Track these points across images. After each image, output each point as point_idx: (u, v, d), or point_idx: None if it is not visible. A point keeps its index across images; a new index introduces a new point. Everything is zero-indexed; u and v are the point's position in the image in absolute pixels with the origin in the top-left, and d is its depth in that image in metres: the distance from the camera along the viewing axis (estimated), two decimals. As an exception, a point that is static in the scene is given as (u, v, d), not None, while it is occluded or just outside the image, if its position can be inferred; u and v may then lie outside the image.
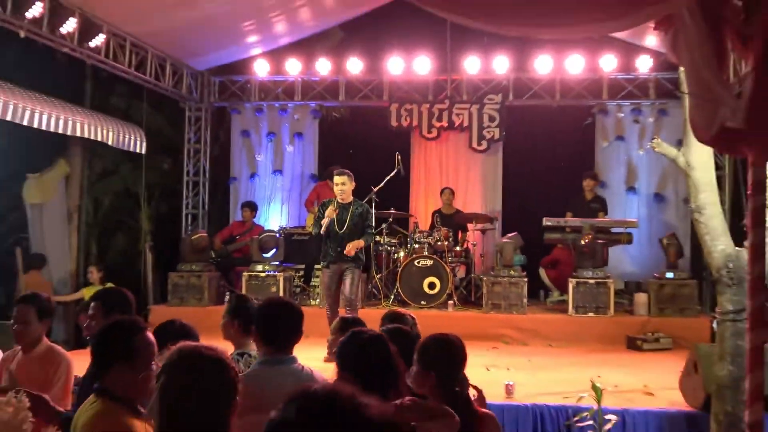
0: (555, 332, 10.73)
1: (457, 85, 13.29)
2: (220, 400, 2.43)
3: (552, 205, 12.04)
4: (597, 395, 6.41)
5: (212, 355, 2.51)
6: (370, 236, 9.19)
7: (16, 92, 10.28)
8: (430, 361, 3.49)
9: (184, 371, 2.45)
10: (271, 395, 3.37)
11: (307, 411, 1.46)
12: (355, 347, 3.23)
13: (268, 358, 3.72)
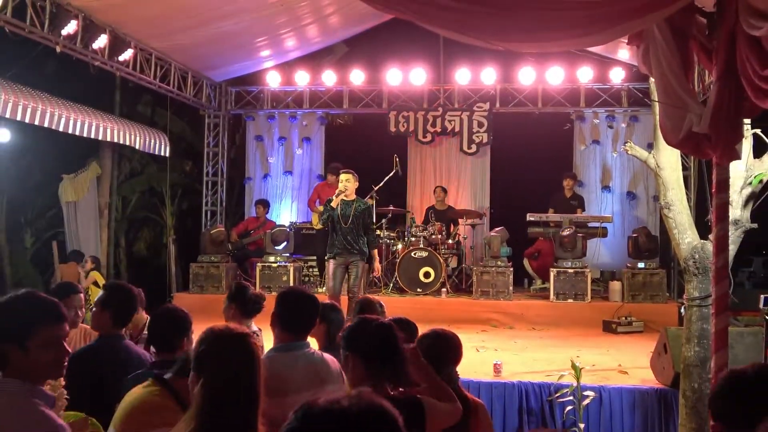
0: (538, 317, 10.74)
1: (449, 94, 13.28)
2: (254, 371, 2.43)
3: (535, 202, 12.05)
4: (576, 373, 6.42)
5: (240, 332, 2.54)
6: (374, 234, 9.03)
7: (53, 101, 10.27)
8: (424, 351, 3.29)
9: (220, 345, 2.46)
10: (285, 378, 3.33)
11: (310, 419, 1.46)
12: (365, 331, 3.09)
13: (283, 344, 3.66)
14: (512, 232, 11.71)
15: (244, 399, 2.39)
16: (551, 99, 12.89)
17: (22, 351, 2.44)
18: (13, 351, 2.44)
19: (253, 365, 2.46)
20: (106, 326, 4.06)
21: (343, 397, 1.47)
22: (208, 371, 2.42)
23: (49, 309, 2.55)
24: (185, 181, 15.54)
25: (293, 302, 3.76)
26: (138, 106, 14.98)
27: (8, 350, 2.44)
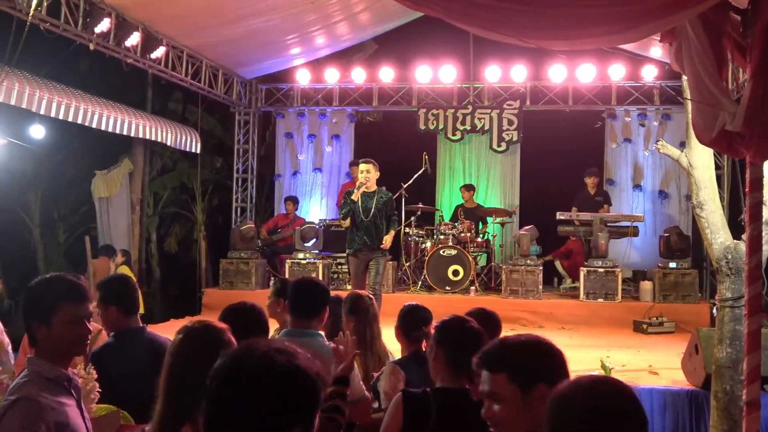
0: (567, 316, 10.68)
1: (479, 92, 13.24)
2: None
3: (565, 200, 11.96)
4: (606, 373, 6.36)
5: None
6: (396, 222, 8.56)
7: (86, 98, 10.40)
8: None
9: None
10: None
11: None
12: (455, 329, 3.24)
13: (294, 329, 3.76)
14: (542, 230, 11.65)
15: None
16: (582, 97, 12.80)
17: (47, 327, 2.57)
18: (40, 328, 2.58)
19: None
20: (118, 321, 4.00)
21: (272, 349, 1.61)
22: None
23: (73, 288, 2.67)
24: (216, 178, 15.67)
25: (301, 290, 3.91)
26: (169, 103, 15.13)
27: (36, 328, 2.59)
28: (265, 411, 1.54)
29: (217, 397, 1.58)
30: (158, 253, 15.41)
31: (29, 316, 2.62)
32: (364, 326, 4.51)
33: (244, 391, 1.55)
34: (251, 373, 1.56)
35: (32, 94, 9.14)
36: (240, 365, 1.59)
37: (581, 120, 13.01)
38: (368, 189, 8.28)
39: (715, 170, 6.23)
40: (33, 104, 9.20)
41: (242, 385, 1.56)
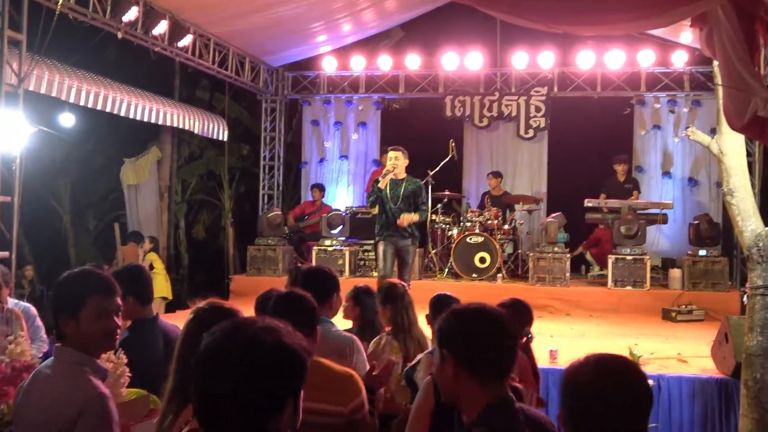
0: (595, 304, 10.62)
1: (506, 78, 13.16)
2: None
3: (593, 187, 11.88)
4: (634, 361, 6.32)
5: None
6: (424, 213, 8.39)
7: (115, 87, 10.49)
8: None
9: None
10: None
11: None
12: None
13: None
14: (569, 217, 11.59)
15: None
16: (611, 83, 12.67)
17: (75, 322, 2.57)
18: (68, 322, 2.57)
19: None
20: (135, 312, 3.96)
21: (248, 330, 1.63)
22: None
23: (101, 282, 2.67)
24: (243, 165, 15.75)
25: (308, 278, 3.97)
26: (197, 91, 15.21)
27: (64, 322, 2.58)
28: (253, 389, 1.57)
29: (203, 377, 1.61)
30: (186, 240, 15.54)
31: (58, 310, 2.61)
32: (401, 313, 4.54)
33: (231, 370, 1.57)
34: (238, 351, 1.59)
35: (62, 83, 9.23)
36: (227, 344, 1.61)
37: (610, 106, 12.89)
38: (396, 176, 8.13)
39: (746, 157, 6.16)
40: (62, 93, 9.29)
41: (230, 364, 1.58)
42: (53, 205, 14.72)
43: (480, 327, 2.30)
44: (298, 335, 1.67)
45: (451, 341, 2.30)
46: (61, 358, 2.59)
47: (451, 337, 2.30)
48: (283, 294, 3.34)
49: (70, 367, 2.55)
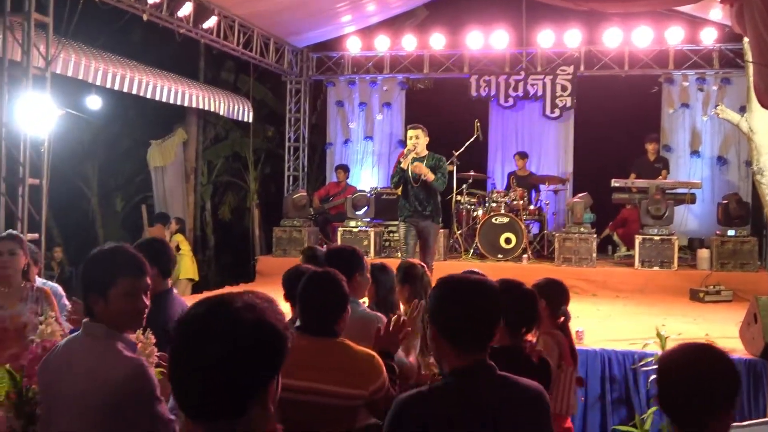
0: (622, 284, 10.54)
1: (532, 57, 13.04)
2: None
3: (620, 167, 11.76)
4: (661, 342, 6.29)
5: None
6: (440, 181, 7.96)
7: (141, 69, 10.53)
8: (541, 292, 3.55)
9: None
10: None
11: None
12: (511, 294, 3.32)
13: None
14: (596, 197, 11.50)
15: None
16: (638, 61, 12.51)
17: (104, 300, 2.57)
18: (97, 301, 2.58)
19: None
20: (157, 285, 3.82)
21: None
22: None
23: (132, 261, 2.67)
24: (268, 147, 15.79)
25: (332, 257, 4.03)
26: (221, 72, 15.24)
27: (93, 300, 2.59)
28: (234, 367, 1.54)
29: (182, 354, 1.58)
30: (212, 222, 15.63)
31: (87, 288, 2.62)
32: (419, 293, 4.54)
33: (212, 348, 1.54)
34: (219, 329, 1.56)
35: (88, 66, 9.29)
36: (208, 321, 1.59)
37: (637, 85, 12.74)
38: (418, 155, 7.97)
39: (777, 135, 6.06)
40: (89, 75, 9.35)
41: (210, 342, 1.55)
42: (81, 188, 14.86)
43: (455, 296, 2.38)
44: (280, 313, 1.65)
45: (431, 308, 2.43)
46: (93, 332, 2.60)
47: (431, 304, 2.43)
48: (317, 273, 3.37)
49: (104, 341, 2.56)
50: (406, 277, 4.64)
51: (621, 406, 6.52)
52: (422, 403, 2.33)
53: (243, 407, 1.56)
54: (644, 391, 6.37)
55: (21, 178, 7.31)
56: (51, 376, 2.60)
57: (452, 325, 2.34)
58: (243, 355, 1.55)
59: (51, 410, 2.59)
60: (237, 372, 1.54)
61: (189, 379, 1.57)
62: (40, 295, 4.41)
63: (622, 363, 6.57)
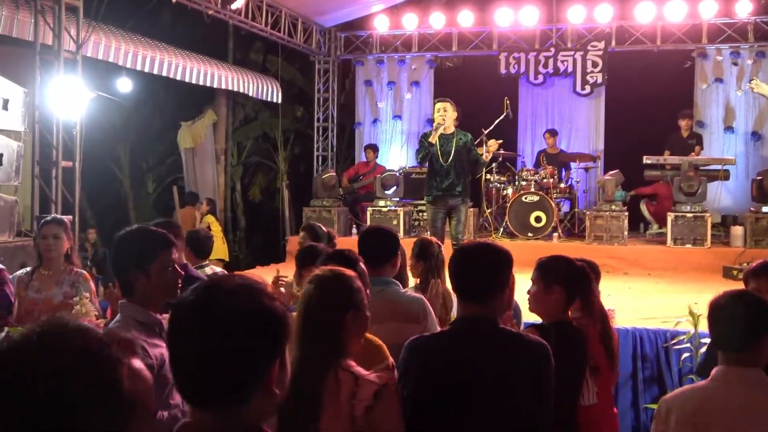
0: (654, 262, 10.45)
1: (562, 33, 12.89)
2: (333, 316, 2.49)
3: (652, 143, 11.60)
4: (694, 320, 6.22)
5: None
6: (480, 166, 7.91)
7: (170, 51, 10.58)
8: (555, 277, 3.38)
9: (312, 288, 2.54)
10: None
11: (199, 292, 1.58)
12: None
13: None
14: (628, 175, 11.38)
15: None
16: (671, 36, 12.31)
17: (146, 276, 2.70)
18: (139, 277, 2.70)
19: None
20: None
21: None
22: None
23: (163, 236, 2.83)
24: (297, 127, 15.82)
25: (370, 237, 3.98)
26: (250, 53, 15.27)
27: (135, 277, 2.71)
28: (230, 354, 1.49)
29: (177, 342, 1.55)
30: (243, 202, 15.73)
31: (126, 265, 2.73)
32: (432, 271, 4.54)
33: (206, 335, 1.49)
34: (217, 314, 1.51)
35: (118, 48, 9.35)
36: (206, 306, 1.53)
37: (669, 60, 12.55)
38: (446, 131, 7.71)
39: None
40: (119, 58, 9.42)
41: (208, 327, 1.50)
42: (113, 170, 15.02)
43: (461, 255, 2.86)
44: (278, 297, 1.63)
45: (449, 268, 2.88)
46: (125, 312, 2.72)
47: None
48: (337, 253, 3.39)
49: (135, 325, 2.66)
50: (422, 254, 4.62)
51: (653, 384, 6.47)
52: (428, 344, 2.77)
53: (245, 394, 1.51)
54: (676, 370, 6.32)
55: (54, 161, 7.41)
56: None
57: (455, 280, 2.81)
58: (239, 341, 1.49)
59: None
60: (234, 358, 1.49)
61: (186, 367, 1.53)
62: (77, 279, 4.49)
63: (654, 341, 6.52)
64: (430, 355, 2.71)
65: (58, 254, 4.51)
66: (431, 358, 2.70)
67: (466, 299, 2.78)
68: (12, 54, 8.40)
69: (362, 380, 2.38)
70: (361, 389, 2.35)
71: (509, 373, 2.61)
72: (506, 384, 2.60)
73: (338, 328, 2.45)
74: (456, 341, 2.71)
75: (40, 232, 4.61)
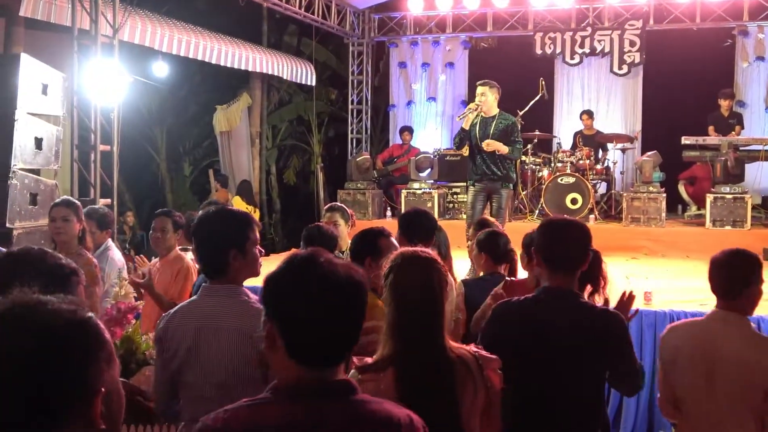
0: (692, 244, 10.27)
1: (599, 12, 12.71)
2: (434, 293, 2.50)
3: (691, 124, 11.42)
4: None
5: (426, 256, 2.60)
6: (518, 150, 7.73)
7: (205, 34, 10.64)
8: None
9: (405, 271, 2.52)
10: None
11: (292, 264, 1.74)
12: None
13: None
14: (666, 156, 11.23)
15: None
16: (711, 13, 12.07)
17: (242, 254, 2.78)
18: (237, 256, 2.77)
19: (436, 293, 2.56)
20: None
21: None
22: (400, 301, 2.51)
23: (248, 215, 2.95)
24: (331, 110, 15.83)
25: (409, 218, 4.16)
26: (284, 36, 15.29)
27: (233, 256, 2.77)
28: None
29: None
30: (278, 185, 15.81)
31: (226, 245, 2.77)
32: (436, 246, 4.56)
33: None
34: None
35: (154, 32, 9.42)
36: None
37: (709, 39, 12.32)
38: (486, 114, 7.57)
39: None
40: (155, 42, 9.49)
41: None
42: (150, 153, 15.18)
43: (554, 229, 3.13)
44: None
45: (536, 241, 3.13)
46: (229, 293, 2.79)
47: (537, 238, 3.14)
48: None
49: (243, 298, 2.78)
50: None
51: (691, 367, 6.41)
52: (515, 308, 3.00)
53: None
54: (715, 353, 6.24)
55: (93, 145, 7.50)
56: (192, 337, 2.72)
57: (546, 251, 3.00)
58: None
59: (189, 370, 2.72)
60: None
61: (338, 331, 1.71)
62: (81, 263, 4.19)
63: (692, 324, 6.44)
64: (515, 318, 2.97)
65: (69, 237, 4.46)
66: (516, 320, 2.95)
67: (555, 269, 2.96)
68: (51, 39, 8.51)
69: (479, 353, 2.49)
70: (482, 361, 2.46)
71: (588, 340, 2.86)
72: (583, 349, 2.86)
73: (442, 306, 2.51)
74: (544, 307, 2.92)
75: (50, 214, 4.59)
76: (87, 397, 1.36)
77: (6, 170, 6.07)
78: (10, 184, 6.04)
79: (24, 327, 1.32)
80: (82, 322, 1.38)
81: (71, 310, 1.38)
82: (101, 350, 1.40)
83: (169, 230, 5.05)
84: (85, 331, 1.37)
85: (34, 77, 6.50)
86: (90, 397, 1.36)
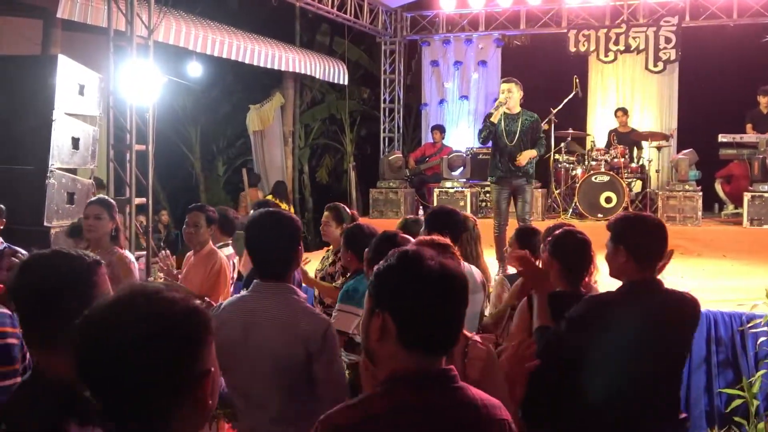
0: (729, 243, 10.15)
1: (634, 9, 12.58)
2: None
3: (727, 121, 11.26)
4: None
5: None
6: (543, 147, 7.82)
7: (239, 34, 10.71)
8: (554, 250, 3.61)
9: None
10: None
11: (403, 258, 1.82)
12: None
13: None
14: (702, 154, 11.08)
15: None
16: (748, 9, 11.88)
17: (297, 256, 2.97)
18: (295, 257, 2.96)
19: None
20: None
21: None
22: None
23: (294, 218, 3.08)
24: (363, 109, 15.86)
25: (436, 216, 4.17)
26: (317, 35, 15.34)
27: (293, 258, 2.94)
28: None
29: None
30: (311, 184, 15.87)
31: (291, 249, 2.92)
32: (469, 244, 4.56)
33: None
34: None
35: (188, 33, 9.51)
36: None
37: (746, 35, 12.12)
38: (511, 111, 7.65)
39: None
40: (189, 42, 9.58)
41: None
42: (184, 152, 15.33)
43: (643, 226, 3.27)
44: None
45: (624, 234, 3.25)
46: (282, 291, 2.87)
47: (623, 231, 3.27)
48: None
49: (293, 296, 2.88)
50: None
51: (727, 368, 6.32)
52: (608, 301, 3.08)
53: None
54: (752, 353, 6.16)
55: (128, 144, 7.58)
56: (240, 331, 2.78)
57: (641, 247, 3.12)
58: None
59: (236, 365, 2.75)
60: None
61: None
62: (113, 261, 4.30)
63: (729, 324, 6.36)
64: (609, 310, 3.03)
65: (100, 234, 4.52)
66: (611, 313, 3.02)
67: (644, 264, 3.10)
68: (87, 41, 8.64)
69: (471, 340, 2.56)
70: (471, 349, 2.52)
71: (677, 327, 3.08)
72: (672, 338, 3.05)
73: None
74: (636, 300, 3.04)
75: (84, 212, 4.69)
76: (200, 376, 1.46)
77: (44, 169, 6.18)
78: (48, 183, 6.15)
79: (147, 315, 1.41)
80: (194, 308, 1.48)
81: (184, 298, 1.48)
82: (210, 334, 1.49)
83: (202, 225, 5.11)
84: (197, 317, 1.47)
85: (71, 78, 6.60)
86: (202, 377, 1.46)
